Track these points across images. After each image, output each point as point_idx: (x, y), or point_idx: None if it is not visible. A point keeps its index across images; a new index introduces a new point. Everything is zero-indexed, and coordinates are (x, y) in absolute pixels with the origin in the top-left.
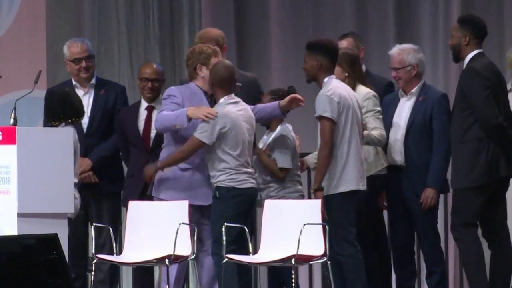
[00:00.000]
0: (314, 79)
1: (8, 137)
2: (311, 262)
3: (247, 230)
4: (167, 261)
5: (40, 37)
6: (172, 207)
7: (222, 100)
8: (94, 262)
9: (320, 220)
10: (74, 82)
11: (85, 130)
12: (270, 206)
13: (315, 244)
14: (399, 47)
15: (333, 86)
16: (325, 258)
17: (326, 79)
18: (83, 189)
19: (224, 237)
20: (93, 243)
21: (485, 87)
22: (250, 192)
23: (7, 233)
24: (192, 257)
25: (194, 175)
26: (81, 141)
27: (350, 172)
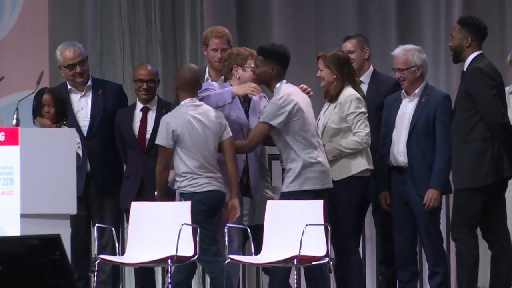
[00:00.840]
0: (265, 84)
1: (11, 137)
2: (313, 263)
3: (249, 231)
4: (169, 261)
5: (43, 38)
6: (175, 208)
7: (182, 102)
8: (97, 263)
9: (322, 220)
10: (69, 86)
11: (85, 133)
12: (273, 206)
13: (317, 245)
14: (403, 47)
15: (285, 93)
16: (327, 259)
17: (277, 85)
18: (85, 189)
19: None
20: (95, 243)
21: (491, 86)
22: (213, 195)
23: (10, 233)
24: (194, 257)
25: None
26: (82, 144)
27: (310, 172)
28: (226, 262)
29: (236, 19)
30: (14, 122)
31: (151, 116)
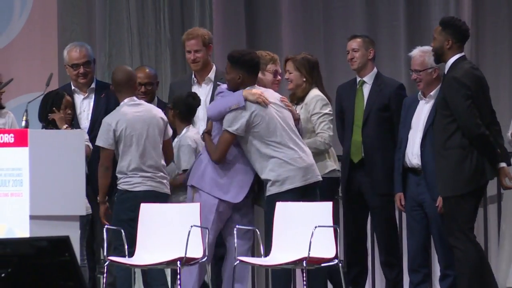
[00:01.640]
0: (235, 90)
1: (20, 139)
2: (322, 265)
3: (257, 232)
4: (178, 263)
5: (52, 39)
6: (184, 209)
7: (121, 103)
8: (106, 264)
9: (331, 222)
10: (73, 87)
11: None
12: (282, 208)
13: (326, 247)
14: (421, 49)
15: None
16: (336, 261)
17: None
18: (88, 190)
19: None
20: (105, 245)
21: (466, 97)
22: (145, 195)
23: (19, 235)
24: (203, 259)
25: (234, 170)
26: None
27: (285, 172)
28: (236, 263)
29: (245, 20)
30: (24, 124)
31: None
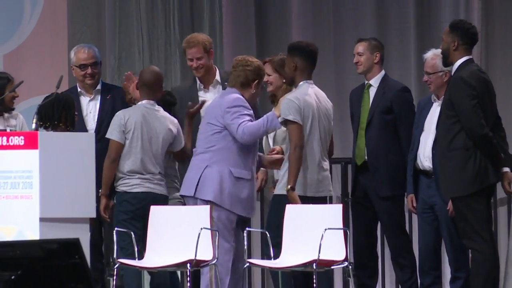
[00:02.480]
0: (291, 80)
1: (30, 142)
2: (333, 267)
3: (268, 235)
4: (188, 265)
5: (62, 42)
6: (194, 211)
7: (139, 103)
8: (116, 267)
9: (341, 225)
10: (79, 89)
11: None
12: (292, 210)
13: (336, 249)
14: (434, 51)
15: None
16: (346, 263)
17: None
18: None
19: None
20: (114, 247)
21: (472, 97)
22: (143, 197)
23: (29, 237)
24: (213, 261)
25: (250, 186)
26: None
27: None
28: (245, 266)
29: (255, 23)
30: (34, 126)
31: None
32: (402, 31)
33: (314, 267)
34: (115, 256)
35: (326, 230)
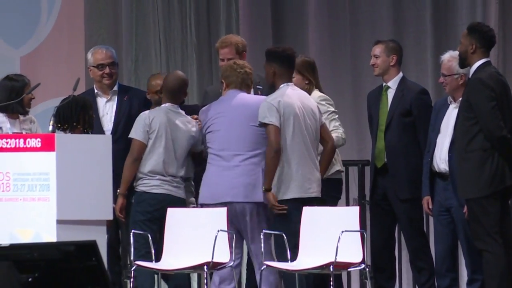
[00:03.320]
0: (271, 84)
1: (47, 144)
2: (349, 269)
3: (285, 237)
4: (205, 268)
5: (79, 44)
6: (211, 214)
7: (163, 105)
8: (133, 269)
9: (358, 227)
10: (96, 90)
11: None
12: (309, 213)
13: (353, 251)
14: (451, 53)
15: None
16: (363, 265)
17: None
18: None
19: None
20: (131, 250)
21: (491, 98)
22: (161, 198)
23: (46, 239)
24: (230, 264)
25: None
26: None
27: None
28: (262, 268)
29: (272, 25)
30: (51, 128)
31: None
32: (419, 34)
33: (331, 269)
34: (132, 258)
35: (343, 232)
